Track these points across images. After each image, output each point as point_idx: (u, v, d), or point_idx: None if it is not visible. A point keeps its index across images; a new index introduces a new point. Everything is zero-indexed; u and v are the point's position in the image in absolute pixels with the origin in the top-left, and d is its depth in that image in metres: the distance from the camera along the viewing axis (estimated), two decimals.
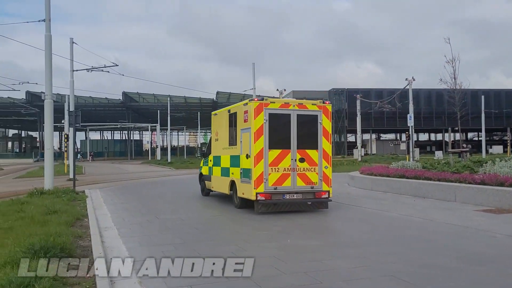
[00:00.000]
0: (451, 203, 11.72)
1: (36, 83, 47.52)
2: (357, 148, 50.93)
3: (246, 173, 10.34)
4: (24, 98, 68.02)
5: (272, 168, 10.08)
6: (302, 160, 10.31)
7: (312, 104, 10.57)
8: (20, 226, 8.09)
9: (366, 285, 5.10)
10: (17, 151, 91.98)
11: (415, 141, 52.92)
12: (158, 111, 66.26)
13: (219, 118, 12.74)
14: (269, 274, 5.47)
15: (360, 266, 5.77)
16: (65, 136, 31.44)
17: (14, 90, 43.00)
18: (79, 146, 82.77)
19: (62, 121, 45.21)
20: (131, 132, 79.44)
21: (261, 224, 9.16)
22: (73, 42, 22.18)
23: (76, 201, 13.45)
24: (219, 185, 12.44)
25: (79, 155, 74.02)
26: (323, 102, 10.66)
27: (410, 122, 31.11)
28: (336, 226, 8.79)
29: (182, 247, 7.04)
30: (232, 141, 11.40)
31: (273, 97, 9.34)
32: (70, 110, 21.70)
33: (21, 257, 5.59)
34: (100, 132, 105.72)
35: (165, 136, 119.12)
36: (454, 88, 18.30)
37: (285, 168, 10.15)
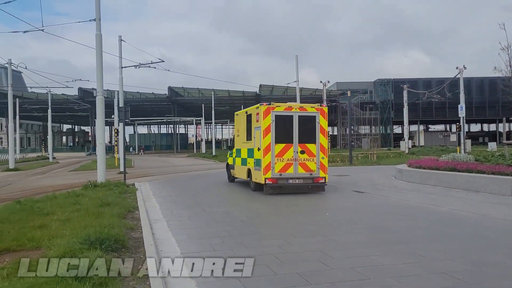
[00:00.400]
0: (507, 198, 11.37)
1: (88, 80, 50.03)
2: (404, 140, 49.50)
3: (258, 163, 13.31)
4: (77, 94, 71.39)
5: (278, 159, 12.99)
6: (302, 152, 13.10)
7: (311, 107, 13.20)
8: (77, 218, 8.52)
9: (415, 282, 5.01)
10: (71, 145, 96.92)
11: (466, 132, 50.80)
12: (203, 105, 67.41)
13: (240, 118, 15.68)
14: (317, 269, 5.49)
15: (410, 263, 5.66)
16: (115, 130, 32.70)
17: (68, 87, 45.59)
18: (128, 140, 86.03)
19: (112, 116, 47.08)
20: (177, 126, 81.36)
21: (307, 218, 9.14)
22: (121, 40, 22.97)
23: (127, 193, 13.96)
24: (240, 172, 15.53)
25: (131, 148, 76.74)
26: (320, 105, 13.38)
27: (462, 113, 29.78)
28: (383, 221, 8.63)
29: (229, 240, 7.15)
30: (249, 136, 14.39)
31: (279, 102, 13.87)
32: (120, 105, 22.59)
33: (78, 247, 5.89)
34: (147, 126, 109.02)
35: (209, 129, 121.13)
36: (510, 76, 17.29)
37: (288, 159, 13.05)
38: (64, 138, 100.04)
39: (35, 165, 37.91)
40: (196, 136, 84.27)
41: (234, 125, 16.95)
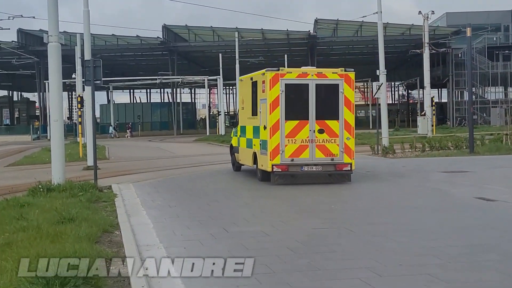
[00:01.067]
0: None
1: (34, 17, 50.94)
2: None
3: (264, 145, 16.07)
4: (16, 41, 73.00)
5: (288, 140, 15.85)
6: (321, 131, 16.00)
7: (333, 73, 15.91)
8: (22, 241, 8.82)
9: None
10: (7, 123, 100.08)
11: None
12: (220, 54, 67.99)
13: (245, 85, 18.69)
14: None
15: None
16: (78, 99, 33.48)
17: (1, 28, 46.08)
18: (98, 115, 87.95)
19: (73, 76, 48.06)
20: (178, 90, 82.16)
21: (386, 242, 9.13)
22: None
23: (99, 202, 14.34)
24: (245, 157, 18.68)
25: (111, 128, 78.30)
26: (345, 70, 15.76)
27: None
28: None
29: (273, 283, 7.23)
30: (255, 111, 17.36)
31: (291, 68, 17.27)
32: (86, 58, 23.05)
33: None
34: (130, 92, 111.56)
35: (231, 95, 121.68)
36: None
37: (302, 140, 16.00)
38: None
39: None
40: (209, 107, 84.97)
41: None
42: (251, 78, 17.77)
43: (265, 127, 16.43)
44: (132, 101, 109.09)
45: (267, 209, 13.45)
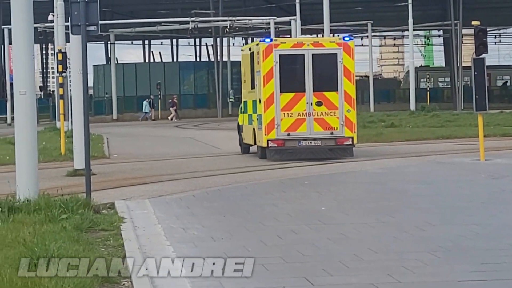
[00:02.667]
0: None
1: None
2: None
3: (260, 119, 23.58)
4: None
5: (284, 113, 23.56)
6: (319, 103, 23.65)
7: (330, 42, 23.51)
8: None
9: None
10: None
11: None
12: None
13: (245, 57, 26.69)
14: None
15: None
16: (58, 56, 33.73)
17: None
18: (90, 83, 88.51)
19: (49, 17, 48.62)
20: (224, 41, 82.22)
21: None
22: None
23: (95, 231, 14.48)
24: (247, 135, 27.07)
25: (146, 105, 78.26)
26: (343, 39, 22.00)
27: None
28: None
29: None
30: (253, 84, 25.33)
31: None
32: None
33: None
34: (143, 45, 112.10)
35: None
36: None
37: (299, 113, 23.76)
38: None
39: None
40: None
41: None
42: (249, 49, 25.11)
43: (260, 101, 24.42)
44: (147, 60, 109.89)
45: (378, 246, 13.32)
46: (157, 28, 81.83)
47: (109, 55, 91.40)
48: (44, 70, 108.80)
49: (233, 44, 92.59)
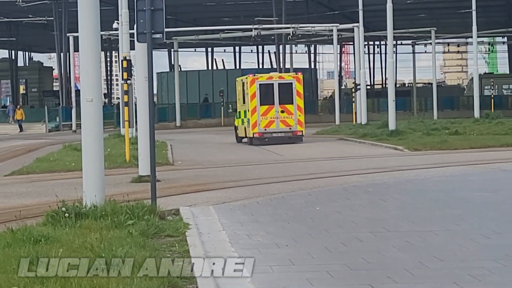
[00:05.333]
0: None
1: None
2: None
3: (248, 122, 50.13)
4: None
5: (262, 117, 49.46)
6: (282, 111, 49.64)
7: (288, 76, 54.94)
8: None
9: None
10: (6, 103, 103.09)
11: None
12: None
13: (239, 84, 54.41)
14: None
15: None
16: (123, 64, 33.89)
17: None
18: (154, 90, 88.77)
19: (114, 25, 48.67)
20: (287, 48, 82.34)
21: None
22: None
23: (161, 237, 14.61)
24: (241, 131, 52.91)
25: None
26: (296, 74, 54.84)
27: None
28: None
29: None
30: (243, 100, 52.23)
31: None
32: None
33: None
34: (206, 53, 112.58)
35: (377, 56, 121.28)
36: None
37: (271, 117, 49.50)
38: None
39: None
40: (340, 76, 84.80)
41: None
42: (242, 80, 42.19)
43: (248, 110, 44.70)
44: (210, 67, 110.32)
45: (444, 253, 13.23)
46: (220, 35, 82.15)
47: (173, 63, 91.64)
48: (109, 78, 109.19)
49: (296, 51, 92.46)
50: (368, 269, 11.80)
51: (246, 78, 50.46)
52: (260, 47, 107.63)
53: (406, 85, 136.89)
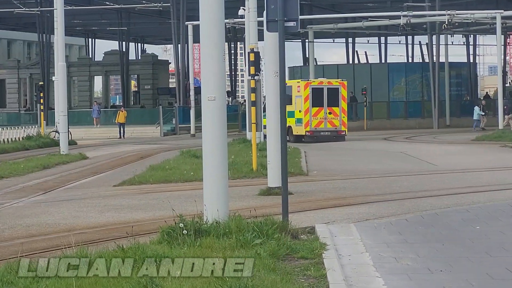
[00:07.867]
0: None
1: None
2: None
3: (299, 121, 69.78)
4: None
5: (314, 117, 69.14)
6: (330, 113, 69.21)
7: (335, 82, 73.23)
8: None
9: None
10: (116, 102, 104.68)
11: None
12: None
13: (290, 87, 68.86)
14: None
15: None
16: (251, 57, 34.14)
17: None
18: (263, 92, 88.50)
19: (240, 12, 48.98)
20: (442, 38, 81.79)
21: None
22: None
23: (293, 259, 14.66)
24: (295, 130, 70.56)
25: (478, 112, 75.74)
26: (342, 80, 73.29)
27: None
28: None
29: None
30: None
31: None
32: None
33: None
34: (346, 43, 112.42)
35: None
36: None
37: (320, 118, 69.13)
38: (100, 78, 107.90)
39: (21, 168, 41.17)
40: (504, 72, 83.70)
41: None
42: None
43: (300, 111, 64.78)
44: (350, 61, 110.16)
45: None
46: (362, 24, 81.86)
47: (307, 55, 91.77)
48: (233, 73, 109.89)
49: (452, 42, 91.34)
50: None
51: (299, 82, 68.34)
52: (409, 37, 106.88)
53: None
